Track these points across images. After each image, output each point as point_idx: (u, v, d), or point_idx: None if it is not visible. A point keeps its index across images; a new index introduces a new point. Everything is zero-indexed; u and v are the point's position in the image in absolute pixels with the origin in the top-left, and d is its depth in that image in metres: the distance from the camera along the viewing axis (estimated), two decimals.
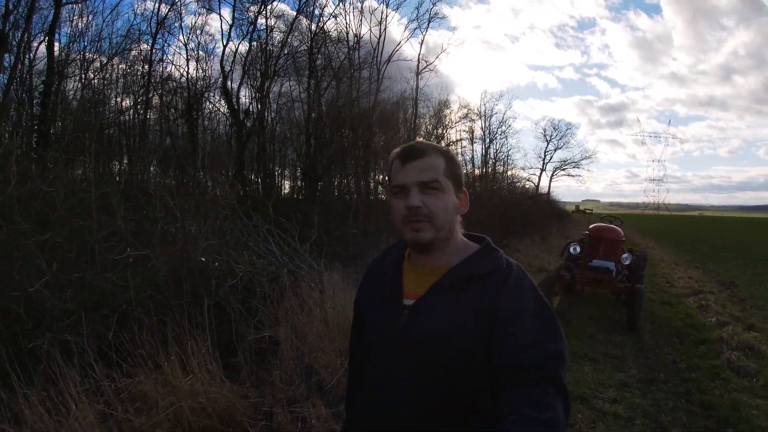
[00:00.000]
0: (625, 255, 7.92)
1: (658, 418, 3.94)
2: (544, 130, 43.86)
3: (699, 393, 4.42)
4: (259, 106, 9.29)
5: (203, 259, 3.90)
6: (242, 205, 5.51)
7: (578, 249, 8.26)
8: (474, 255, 1.24)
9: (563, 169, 43.43)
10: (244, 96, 11.83)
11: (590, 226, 8.68)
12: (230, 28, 11.67)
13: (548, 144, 43.42)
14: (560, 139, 43.53)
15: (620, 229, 8.46)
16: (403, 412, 1.19)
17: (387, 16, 19.50)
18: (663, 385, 4.66)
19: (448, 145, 17.05)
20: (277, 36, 11.24)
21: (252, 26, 10.71)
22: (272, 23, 11.72)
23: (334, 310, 4.57)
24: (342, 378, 3.74)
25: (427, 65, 20.01)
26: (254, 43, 9.76)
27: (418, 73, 19.06)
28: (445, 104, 20.27)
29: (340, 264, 6.05)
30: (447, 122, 18.45)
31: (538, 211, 22.67)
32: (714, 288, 10.36)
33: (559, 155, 44.70)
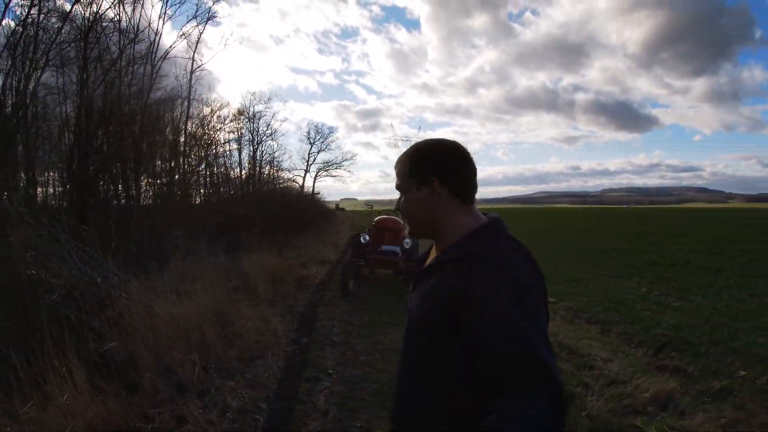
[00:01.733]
0: (407, 240, 9.45)
1: None
2: (308, 133, 46.06)
3: None
4: (19, 101, 7.81)
5: (33, 272, 3.46)
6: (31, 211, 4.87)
7: (367, 238, 9.56)
8: (463, 239, 1.24)
9: (326, 170, 46.39)
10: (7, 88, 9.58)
11: (376, 218, 10.14)
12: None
13: (312, 146, 45.79)
14: (323, 141, 46.38)
15: (400, 220, 10.03)
16: (396, 380, 1.31)
17: (166, 11, 18.08)
18: None
19: (216, 147, 16.69)
20: (49, 21, 9.48)
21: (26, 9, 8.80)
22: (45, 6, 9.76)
23: (159, 310, 4.53)
24: (200, 373, 3.85)
25: (202, 64, 19.09)
26: (19, 27, 8.10)
27: (192, 72, 18.03)
28: (215, 105, 19.49)
29: (140, 268, 5.86)
30: (215, 124, 17.84)
31: (310, 209, 24.00)
32: None
33: (322, 157, 47.47)
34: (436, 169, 1.28)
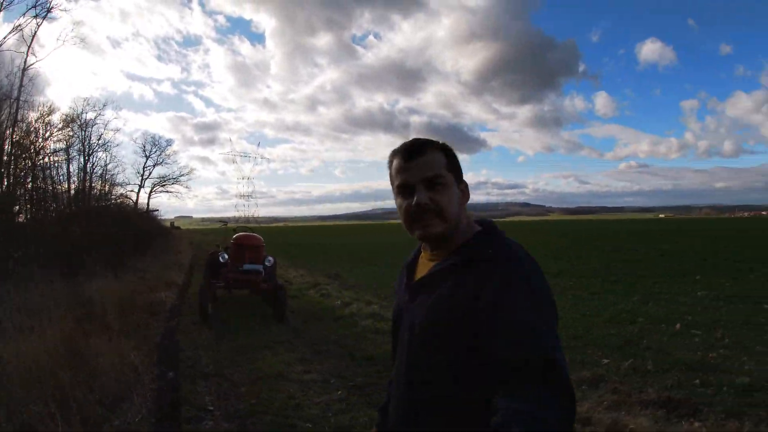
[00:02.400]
0: (269, 258, 9.08)
1: (342, 374, 5.00)
2: (144, 145, 42.01)
3: (359, 351, 5.78)
4: None
5: None
6: None
7: (226, 257, 8.96)
8: (469, 241, 1.23)
9: (162, 185, 42.67)
10: None
11: (235, 236, 9.51)
12: None
13: (147, 159, 41.85)
14: (160, 154, 42.68)
15: (260, 236, 9.56)
16: (404, 387, 1.25)
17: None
18: (331, 353, 5.84)
19: (43, 157, 14.39)
20: None
21: None
22: None
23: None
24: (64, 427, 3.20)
25: (36, 61, 16.24)
26: None
27: (24, 69, 15.20)
28: (43, 109, 16.73)
29: None
30: (43, 132, 15.34)
31: (149, 228, 21.84)
32: (325, 280, 12.82)
33: (158, 171, 43.48)
34: (461, 173, 1.30)
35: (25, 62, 16.27)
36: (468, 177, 1.32)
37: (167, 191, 43.23)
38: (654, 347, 5.71)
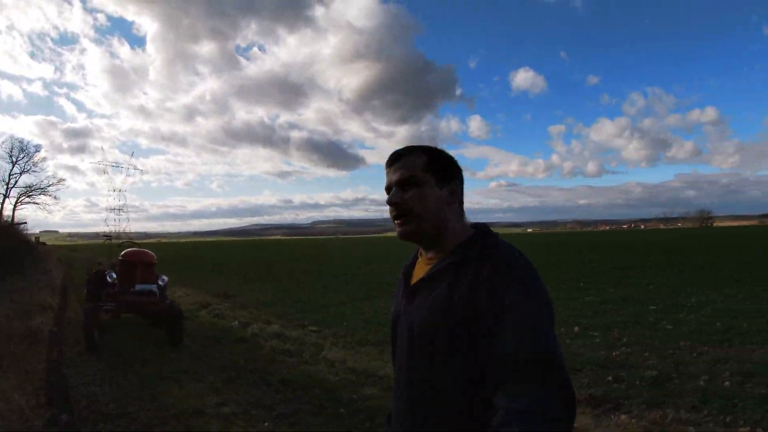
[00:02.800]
0: (162, 277, 8.38)
1: (262, 402, 4.74)
2: (11, 150, 37.30)
3: (273, 376, 5.52)
4: None
5: None
6: None
7: (114, 276, 8.13)
8: (462, 245, 1.24)
9: (29, 196, 38.11)
10: None
11: (123, 252, 8.61)
12: None
13: (14, 166, 37.28)
14: (27, 161, 38.25)
15: (152, 253, 8.74)
16: (405, 384, 1.26)
17: None
18: (244, 380, 5.50)
19: None
20: None
21: None
22: None
23: None
24: None
25: None
26: None
27: None
28: None
29: None
30: None
31: (15, 244, 19.28)
32: (215, 300, 12.19)
33: (24, 180, 38.63)
34: (457, 173, 1.32)
35: None
36: (346, 193, 1.30)
37: (34, 203, 38.75)
38: (562, 350, 6.12)
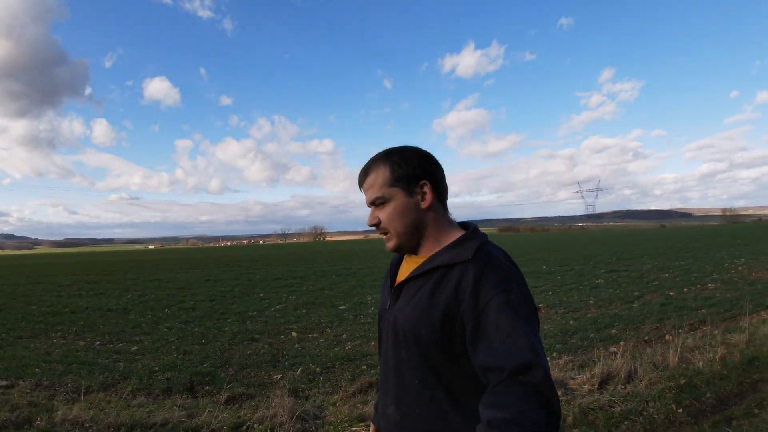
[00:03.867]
0: None
1: None
2: None
3: None
4: None
5: None
6: None
7: None
8: (447, 245, 1.23)
9: None
10: None
11: None
12: None
13: None
14: None
15: None
16: (392, 382, 1.27)
17: None
18: None
19: None
20: None
21: None
22: None
23: None
24: None
25: None
26: None
27: None
28: None
29: None
30: None
31: None
32: None
33: None
34: (425, 172, 1.26)
35: None
36: None
37: None
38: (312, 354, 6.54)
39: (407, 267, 1.31)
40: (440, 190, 1.28)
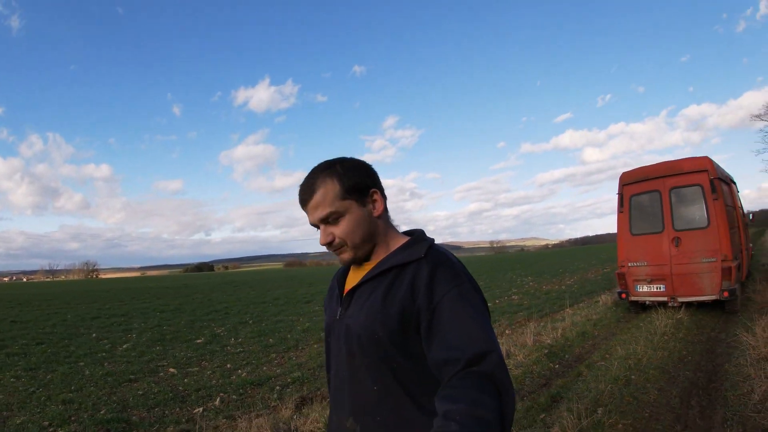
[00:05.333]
0: None
1: None
2: None
3: None
4: None
5: None
6: None
7: None
8: (398, 248, 1.24)
9: None
10: None
11: None
12: None
13: None
14: None
15: None
16: (347, 393, 1.24)
17: None
18: None
19: None
20: None
21: None
22: None
23: None
24: None
25: None
26: None
27: None
28: None
29: None
30: None
31: None
32: None
33: None
34: (372, 180, 1.26)
35: None
36: None
37: None
38: None
39: (356, 275, 1.31)
40: (384, 195, 1.30)
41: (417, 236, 1.28)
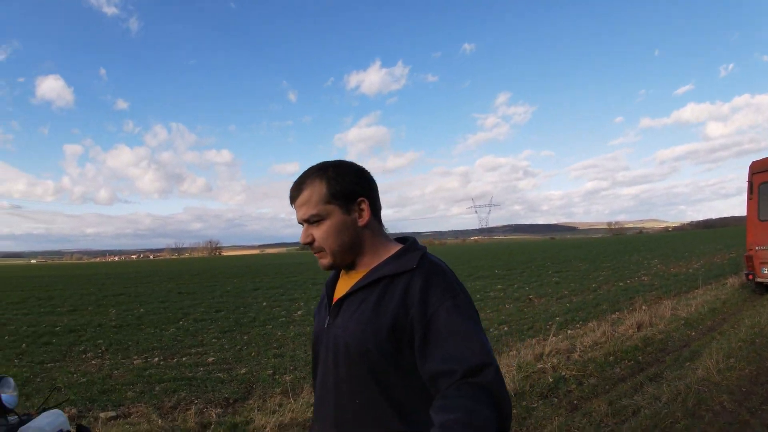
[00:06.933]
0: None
1: None
2: None
3: None
4: None
5: None
6: None
7: None
8: (389, 257, 1.21)
9: None
10: None
11: None
12: None
13: None
14: None
15: None
16: (332, 405, 1.20)
17: None
18: None
19: None
20: None
21: None
22: None
23: None
24: None
25: None
26: None
27: None
28: None
29: None
30: None
31: None
32: None
33: None
34: (362, 189, 1.23)
35: None
36: None
37: None
38: None
39: (345, 284, 1.27)
40: (376, 206, 1.26)
41: (408, 245, 1.25)
